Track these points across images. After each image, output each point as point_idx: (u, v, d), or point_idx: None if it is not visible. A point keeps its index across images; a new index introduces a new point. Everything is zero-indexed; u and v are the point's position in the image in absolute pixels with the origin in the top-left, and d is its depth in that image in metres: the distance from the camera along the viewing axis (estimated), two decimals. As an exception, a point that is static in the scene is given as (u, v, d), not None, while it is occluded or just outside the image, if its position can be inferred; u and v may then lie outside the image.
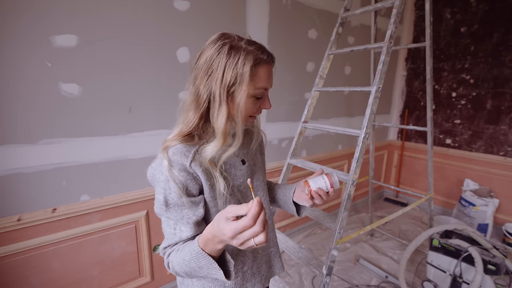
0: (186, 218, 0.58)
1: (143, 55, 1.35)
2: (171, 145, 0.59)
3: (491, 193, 2.48)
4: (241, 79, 0.56)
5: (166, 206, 0.58)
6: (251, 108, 0.61)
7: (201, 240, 0.52)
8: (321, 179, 0.68)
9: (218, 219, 0.47)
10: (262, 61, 0.58)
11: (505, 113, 2.41)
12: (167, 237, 0.60)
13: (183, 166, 0.57)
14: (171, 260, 0.58)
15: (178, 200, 0.57)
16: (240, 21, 1.68)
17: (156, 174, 0.59)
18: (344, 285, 1.83)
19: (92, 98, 1.25)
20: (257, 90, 0.59)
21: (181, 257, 0.55)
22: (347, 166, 2.71)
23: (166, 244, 0.60)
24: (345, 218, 1.15)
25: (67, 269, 1.31)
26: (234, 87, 0.57)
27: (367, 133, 1.15)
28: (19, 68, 1.07)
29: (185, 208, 0.58)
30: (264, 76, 0.59)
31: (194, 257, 0.52)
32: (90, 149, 1.28)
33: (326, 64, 1.49)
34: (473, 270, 1.52)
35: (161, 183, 0.58)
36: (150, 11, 1.33)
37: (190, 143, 0.60)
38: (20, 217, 1.15)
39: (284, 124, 2.08)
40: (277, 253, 0.81)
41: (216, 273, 0.52)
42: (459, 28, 2.60)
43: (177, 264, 0.56)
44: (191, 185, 0.58)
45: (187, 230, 0.58)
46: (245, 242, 0.44)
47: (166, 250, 0.60)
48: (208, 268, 0.52)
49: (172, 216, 0.59)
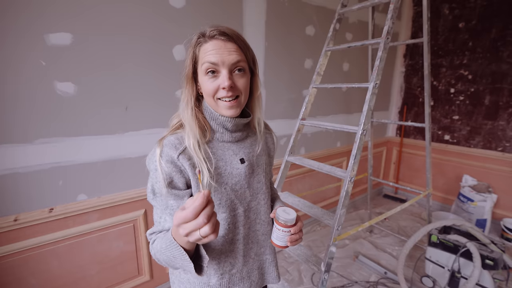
0: (169, 209, 0.60)
1: (139, 53, 1.34)
2: (166, 136, 0.62)
3: (489, 189, 2.49)
4: (189, 61, 0.61)
5: (153, 194, 0.61)
6: (209, 86, 0.60)
7: (173, 230, 0.54)
8: (276, 231, 0.63)
9: None
10: (206, 37, 0.59)
11: (503, 109, 2.41)
12: (155, 224, 0.63)
13: (171, 158, 0.58)
14: (153, 247, 0.60)
15: (163, 190, 0.59)
16: (236, 18, 1.67)
17: (149, 163, 0.61)
18: (343, 282, 1.84)
19: (88, 96, 1.24)
20: (203, 66, 0.59)
21: (160, 245, 0.57)
22: (346, 163, 2.72)
23: (152, 231, 0.63)
24: (343, 215, 1.15)
25: (65, 269, 1.31)
26: (187, 71, 0.61)
27: (365, 129, 1.14)
28: (14, 67, 1.06)
29: (170, 199, 0.60)
30: (209, 51, 0.58)
31: (168, 246, 0.54)
32: (87, 148, 1.27)
33: (323, 60, 1.48)
34: (471, 265, 1.53)
35: (151, 171, 0.60)
36: (145, 8, 1.32)
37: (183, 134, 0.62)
38: (17, 217, 1.15)
39: (282, 121, 2.08)
40: (273, 262, 0.78)
41: (187, 266, 0.53)
42: (457, 24, 2.59)
43: (157, 251, 0.58)
44: (176, 178, 0.59)
45: (169, 220, 0.61)
46: (190, 233, 0.45)
47: (152, 237, 0.63)
48: (181, 260, 0.53)
49: (158, 205, 0.61)
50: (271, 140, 0.81)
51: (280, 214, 0.61)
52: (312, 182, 2.47)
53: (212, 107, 0.63)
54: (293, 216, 0.60)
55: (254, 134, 0.73)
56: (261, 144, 0.73)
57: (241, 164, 0.67)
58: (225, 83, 0.58)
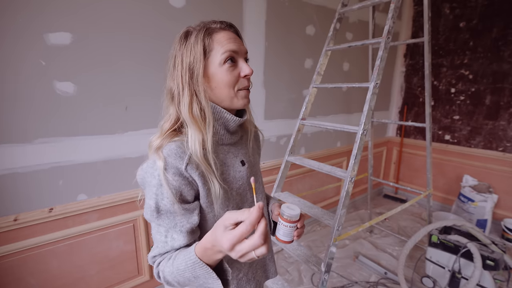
0: (179, 226, 0.54)
1: (138, 53, 1.34)
2: (163, 144, 0.55)
3: (490, 189, 2.48)
4: (200, 52, 0.55)
5: (158, 212, 0.53)
6: (229, 77, 0.57)
7: (198, 249, 0.49)
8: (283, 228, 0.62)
9: (217, 227, 0.45)
10: (215, 29, 0.57)
11: (504, 109, 2.40)
12: (157, 245, 0.56)
13: (178, 170, 0.53)
14: (162, 270, 0.54)
15: (170, 207, 0.53)
16: (236, 18, 1.66)
17: (147, 177, 0.54)
18: (344, 282, 1.84)
19: (87, 96, 1.23)
20: (223, 55, 0.55)
21: (175, 266, 0.51)
22: (346, 163, 2.71)
23: (156, 253, 0.56)
24: (344, 215, 1.14)
25: (64, 269, 1.31)
26: (195, 65, 0.55)
27: (365, 129, 1.14)
28: (13, 66, 1.06)
29: (177, 215, 0.54)
30: (224, 40, 0.56)
31: (189, 266, 0.49)
32: (87, 148, 1.27)
33: (324, 60, 1.48)
34: (472, 265, 1.53)
35: (153, 187, 0.53)
36: (145, 8, 1.31)
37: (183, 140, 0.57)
38: (16, 217, 1.14)
39: (282, 121, 2.07)
40: (272, 258, 0.78)
41: (214, 283, 0.49)
42: (458, 23, 2.58)
43: (169, 274, 0.52)
44: (185, 191, 0.54)
45: (179, 238, 0.54)
46: (244, 254, 0.41)
47: (156, 259, 0.56)
48: (205, 278, 0.49)
49: (163, 223, 0.54)
50: (259, 137, 0.79)
51: (285, 211, 0.60)
52: (312, 182, 2.46)
53: (227, 100, 0.59)
54: (298, 212, 0.60)
55: (245, 133, 0.71)
56: (251, 142, 0.72)
57: (242, 166, 0.65)
58: (247, 70, 0.57)
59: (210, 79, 0.57)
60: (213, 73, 0.57)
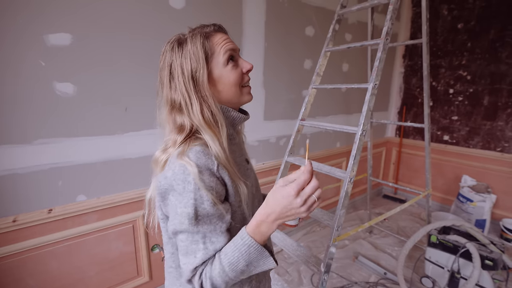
0: (218, 228, 0.52)
1: (138, 54, 1.34)
2: (185, 150, 0.53)
3: (489, 189, 2.49)
4: (202, 58, 0.56)
5: (196, 219, 0.50)
6: (234, 75, 0.59)
7: (249, 229, 0.49)
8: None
9: (271, 195, 0.49)
10: (211, 33, 0.58)
11: (501, 109, 2.41)
12: (195, 255, 0.51)
13: (211, 171, 0.52)
14: (209, 276, 0.50)
15: (211, 209, 0.51)
16: (236, 19, 1.67)
17: (178, 185, 0.51)
18: (343, 282, 1.84)
19: (87, 97, 1.23)
20: (225, 55, 0.57)
21: (225, 262, 0.49)
22: (345, 163, 2.72)
23: (198, 263, 0.51)
24: (343, 216, 1.15)
25: (64, 270, 1.30)
26: (198, 72, 0.56)
27: (364, 130, 1.14)
28: (13, 67, 1.06)
29: (214, 218, 0.52)
30: (222, 41, 0.58)
31: (243, 253, 0.48)
32: (86, 149, 1.27)
33: (323, 61, 1.48)
34: (471, 265, 1.53)
35: (190, 193, 0.50)
36: (145, 9, 1.32)
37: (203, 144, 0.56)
38: (15, 218, 1.14)
39: (281, 122, 2.08)
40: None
41: (266, 263, 0.50)
42: (456, 25, 2.60)
43: (218, 275, 0.50)
44: (221, 191, 0.53)
45: (220, 240, 0.52)
46: (308, 198, 0.46)
47: (197, 270, 0.52)
48: (258, 260, 0.49)
49: (202, 230, 0.51)
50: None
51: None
52: (311, 182, 2.46)
53: (235, 98, 0.60)
54: None
55: (239, 133, 0.73)
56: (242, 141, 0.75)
57: (247, 164, 0.68)
58: (248, 65, 0.61)
59: (217, 81, 0.59)
60: (219, 75, 0.58)
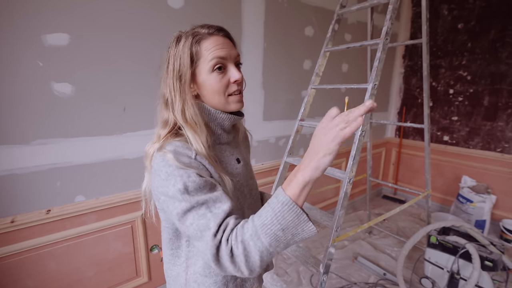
0: (216, 194, 0.52)
1: (136, 54, 1.33)
2: (164, 145, 0.55)
3: (488, 190, 2.48)
4: (186, 61, 0.56)
5: (189, 192, 0.50)
6: (218, 84, 0.57)
7: (285, 184, 0.46)
8: None
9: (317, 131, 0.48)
10: (204, 36, 0.57)
11: (502, 110, 2.41)
12: (208, 225, 0.48)
13: (189, 157, 0.54)
14: (240, 240, 0.46)
15: (200, 180, 0.51)
16: (235, 19, 1.66)
17: (162, 172, 0.51)
18: (342, 283, 1.83)
19: (85, 97, 1.23)
20: (211, 62, 0.56)
21: (259, 222, 0.45)
22: (345, 164, 2.71)
23: (214, 229, 0.48)
24: (342, 216, 1.14)
25: (62, 271, 1.30)
26: (182, 73, 0.56)
27: (364, 130, 1.14)
28: (11, 68, 1.05)
29: (207, 187, 0.52)
30: (212, 47, 0.56)
31: (277, 213, 0.44)
32: (85, 149, 1.27)
33: (322, 61, 1.48)
34: (471, 266, 1.53)
35: (174, 174, 0.50)
36: (143, 7, 1.31)
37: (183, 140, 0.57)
38: (13, 219, 1.14)
39: (280, 122, 2.07)
40: None
41: (305, 228, 0.45)
42: (456, 25, 2.59)
43: (250, 238, 0.45)
44: (203, 173, 0.53)
45: (224, 201, 0.51)
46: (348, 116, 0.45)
47: (220, 240, 0.47)
48: (295, 225, 0.44)
49: (200, 200, 0.50)
50: (248, 137, 0.82)
51: None
52: (311, 183, 2.46)
53: (219, 105, 0.60)
54: None
55: (237, 133, 0.73)
56: (243, 142, 0.75)
57: (238, 164, 0.68)
58: (237, 76, 0.58)
59: (200, 86, 0.59)
60: (203, 80, 0.58)
